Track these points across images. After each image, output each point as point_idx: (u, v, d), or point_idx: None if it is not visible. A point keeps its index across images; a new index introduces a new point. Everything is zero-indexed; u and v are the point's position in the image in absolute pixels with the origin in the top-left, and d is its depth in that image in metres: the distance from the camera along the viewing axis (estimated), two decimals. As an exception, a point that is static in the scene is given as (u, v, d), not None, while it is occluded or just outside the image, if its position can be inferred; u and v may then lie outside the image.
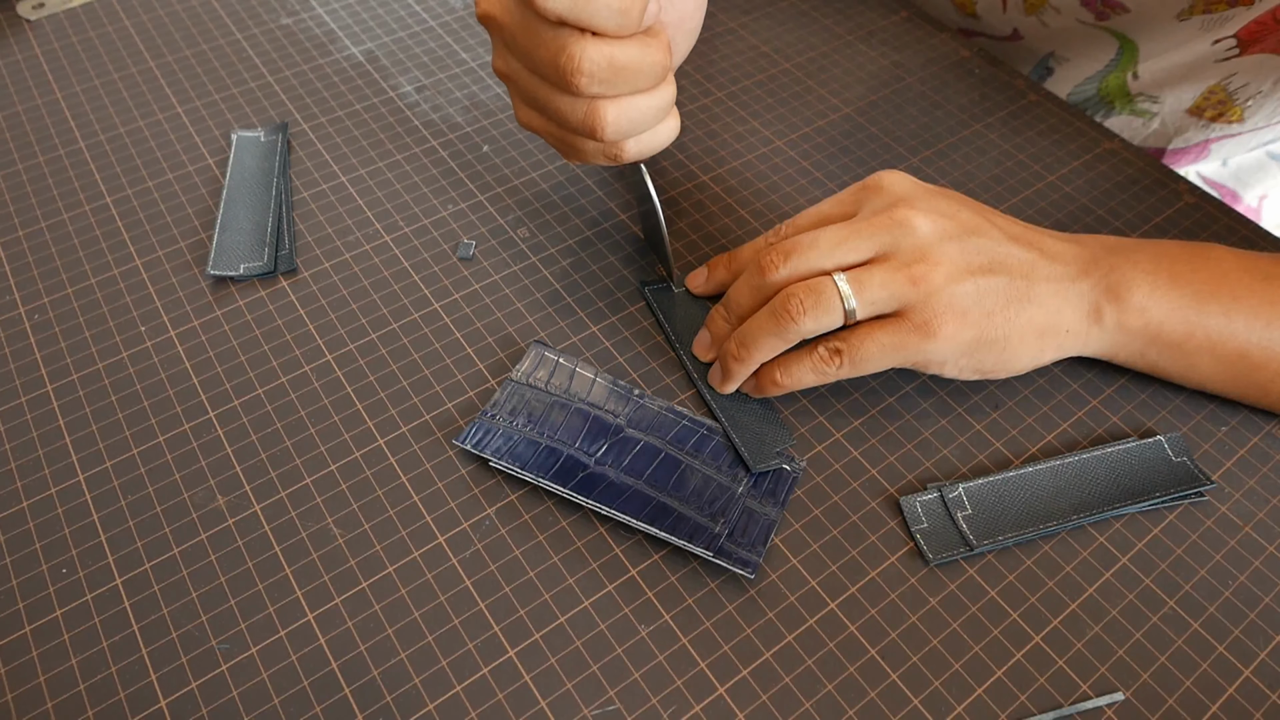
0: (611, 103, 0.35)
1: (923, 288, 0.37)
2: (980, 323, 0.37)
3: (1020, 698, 0.35)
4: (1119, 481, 0.39)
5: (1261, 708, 0.35)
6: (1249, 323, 0.39)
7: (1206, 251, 0.41)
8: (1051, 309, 0.38)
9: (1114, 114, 0.61)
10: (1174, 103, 0.57)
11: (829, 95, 0.57)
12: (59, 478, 0.40)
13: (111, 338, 0.44)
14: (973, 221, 0.39)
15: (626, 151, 0.38)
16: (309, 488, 0.39)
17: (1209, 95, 0.55)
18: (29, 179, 0.51)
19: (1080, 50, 0.59)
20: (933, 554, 0.38)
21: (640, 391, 0.42)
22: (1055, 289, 0.38)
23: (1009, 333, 0.38)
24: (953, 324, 0.37)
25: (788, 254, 0.38)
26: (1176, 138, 0.59)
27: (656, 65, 0.35)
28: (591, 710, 0.34)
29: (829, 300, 0.37)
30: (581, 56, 0.34)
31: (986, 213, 0.40)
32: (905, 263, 0.37)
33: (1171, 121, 0.58)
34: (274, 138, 0.53)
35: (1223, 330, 0.39)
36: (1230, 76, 0.54)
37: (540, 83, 0.36)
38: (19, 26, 0.60)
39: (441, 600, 0.36)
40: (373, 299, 0.46)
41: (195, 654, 0.35)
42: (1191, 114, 0.57)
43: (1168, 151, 0.60)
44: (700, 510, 0.38)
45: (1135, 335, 0.39)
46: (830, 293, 0.37)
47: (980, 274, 0.37)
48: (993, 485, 0.39)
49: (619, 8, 0.33)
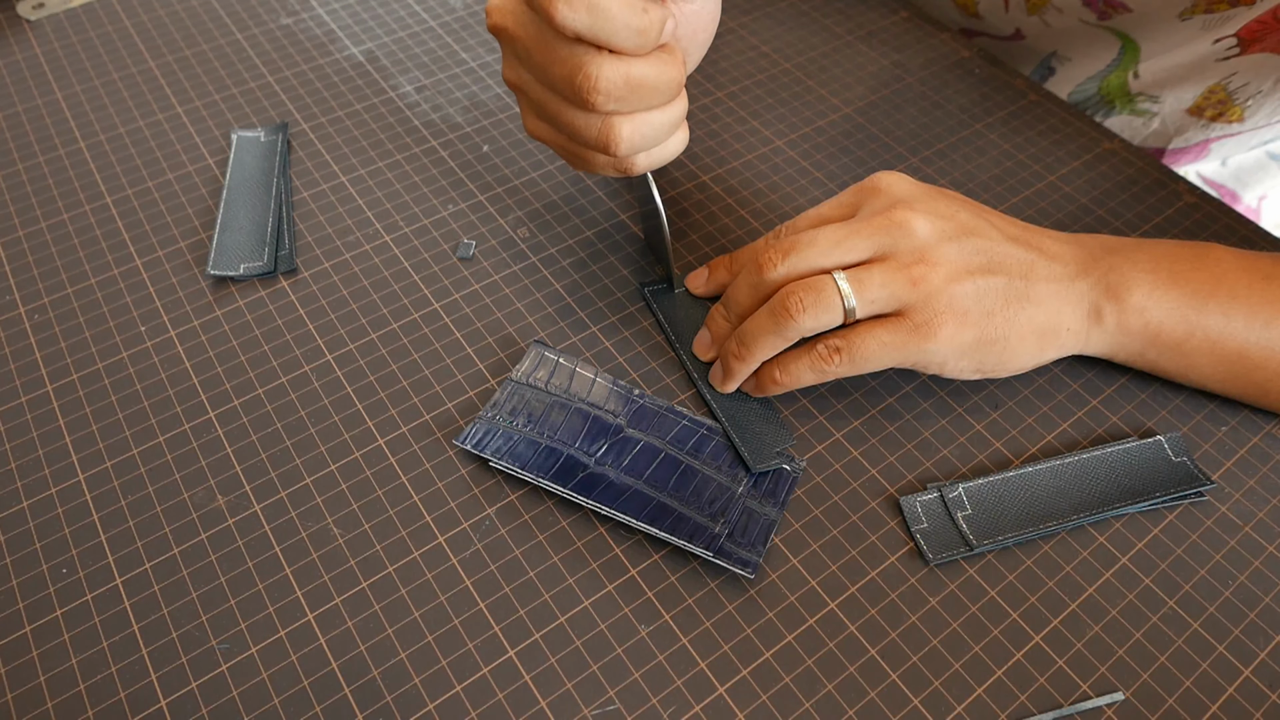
0: (626, 119, 0.35)
1: (922, 288, 0.37)
2: (980, 323, 0.37)
3: (1020, 698, 0.35)
4: (1119, 481, 0.39)
5: (1261, 708, 0.35)
6: (1248, 322, 0.39)
7: (1206, 251, 0.41)
8: (1051, 309, 0.38)
9: (1114, 113, 0.61)
10: (1174, 102, 0.57)
11: (829, 95, 0.57)
12: (59, 478, 0.40)
13: (111, 338, 0.44)
14: (971, 222, 0.39)
15: (637, 165, 0.38)
16: (309, 488, 0.39)
17: (1209, 95, 0.55)
18: (29, 179, 0.51)
19: (1082, 50, 0.59)
20: (933, 554, 0.38)
21: (640, 391, 0.42)
22: (1055, 289, 0.38)
23: (1008, 333, 0.38)
24: (952, 324, 0.37)
25: (786, 252, 0.38)
26: (1176, 137, 0.59)
27: (671, 82, 0.35)
28: (591, 710, 0.34)
29: (829, 298, 0.37)
30: (599, 75, 0.33)
31: (985, 213, 0.40)
32: (905, 264, 0.37)
33: (1171, 121, 0.58)
34: (274, 138, 0.53)
35: (1222, 330, 0.39)
36: (1231, 76, 0.54)
37: (553, 96, 0.36)
38: (19, 26, 0.60)
39: (441, 600, 0.36)
40: (373, 299, 0.46)
41: (195, 654, 0.35)
42: (1191, 113, 0.57)
43: (1168, 151, 0.60)
44: (700, 510, 0.38)
45: (1135, 335, 0.40)
46: (830, 290, 0.37)
47: (979, 274, 0.38)
48: (993, 485, 0.39)
49: (638, 27, 0.33)
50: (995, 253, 0.38)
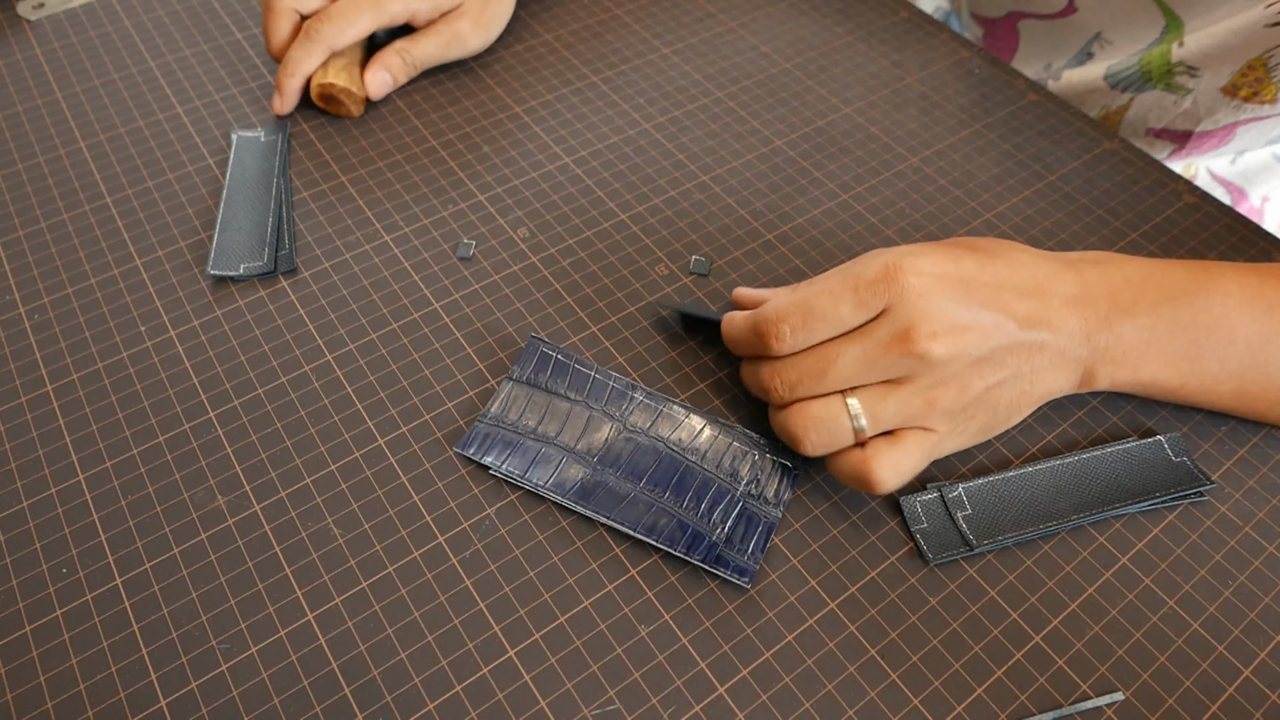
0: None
1: (938, 408, 0.37)
2: (988, 416, 0.38)
3: (1020, 698, 0.35)
4: (1119, 481, 0.39)
5: (1261, 708, 0.35)
6: (1245, 361, 0.39)
7: (1212, 287, 0.39)
8: (1049, 381, 0.38)
9: (1148, 88, 0.60)
10: (1211, 79, 0.57)
11: (829, 95, 0.57)
12: (59, 478, 0.40)
13: (111, 338, 0.44)
14: (991, 324, 0.37)
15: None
16: (309, 488, 0.39)
17: (1248, 71, 0.55)
18: (29, 179, 0.51)
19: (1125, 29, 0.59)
20: (932, 554, 0.38)
21: (640, 391, 0.42)
22: (1056, 363, 0.38)
23: (1010, 414, 0.38)
24: (963, 427, 0.38)
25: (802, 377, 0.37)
26: (1206, 119, 0.59)
27: None
28: (591, 710, 0.34)
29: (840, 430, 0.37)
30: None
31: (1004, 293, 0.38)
32: (921, 389, 0.36)
33: (1204, 100, 0.58)
34: (274, 138, 0.53)
35: (1217, 374, 0.39)
36: (1274, 49, 0.53)
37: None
38: (19, 26, 0.60)
39: (441, 600, 0.36)
40: (373, 299, 0.46)
41: (195, 654, 0.35)
42: (1225, 92, 0.57)
43: (1193, 135, 0.60)
44: (698, 514, 0.38)
45: (1127, 387, 0.40)
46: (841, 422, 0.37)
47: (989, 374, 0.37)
48: (992, 485, 0.39)
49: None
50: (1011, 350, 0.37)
